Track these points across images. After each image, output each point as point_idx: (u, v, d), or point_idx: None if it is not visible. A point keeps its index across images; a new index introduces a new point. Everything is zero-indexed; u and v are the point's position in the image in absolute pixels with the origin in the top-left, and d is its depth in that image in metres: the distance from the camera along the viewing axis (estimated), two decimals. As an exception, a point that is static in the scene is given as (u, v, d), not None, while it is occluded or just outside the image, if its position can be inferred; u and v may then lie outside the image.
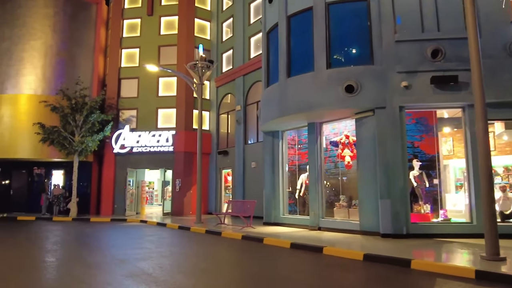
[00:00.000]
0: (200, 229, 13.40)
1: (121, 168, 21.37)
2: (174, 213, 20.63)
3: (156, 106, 21.76)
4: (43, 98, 20.13)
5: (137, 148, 21.16)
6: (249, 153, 18.83)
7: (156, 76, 21.92)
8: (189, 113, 21.36)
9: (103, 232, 13.52)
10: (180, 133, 20.94)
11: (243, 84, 19.64)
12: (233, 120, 20.81)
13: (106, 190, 21.55)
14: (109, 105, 22.12)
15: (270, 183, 14.35)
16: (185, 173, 20.83)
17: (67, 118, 19.96)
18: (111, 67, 22.61)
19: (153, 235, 12.66)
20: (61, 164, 22.13)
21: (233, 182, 20.11)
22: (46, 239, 11.50)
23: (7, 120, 20.55)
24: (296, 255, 8.73)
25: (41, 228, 14.71)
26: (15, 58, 21.33)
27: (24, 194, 22.35)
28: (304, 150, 13.93)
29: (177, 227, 14.70)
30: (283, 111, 12.21)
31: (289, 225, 13.48)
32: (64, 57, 21.91)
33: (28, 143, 20.26)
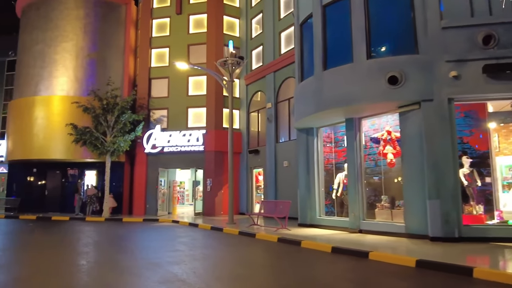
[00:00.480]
0: (233, 230, 12.92)
1: (153, 168, 21.26)
2: (205, 213, 20.31)
3: (186, 106, 21.51)
4: (75, 99, 20.27)
5: (168, 148, 20.99)
6: (281, 152, 18.22)
7: (185, 75, 21.68)
8: (219, 112, 20.99)
9: (135, 233, 13.29)
10: (210, 132, 20.59)
11: (273, 81, 19.05)
12: (263, 118, 20.26)
13: (138, 190, 21.51)
14: (140, 105, 22.09)
15: (304, 182, 13.69)
16: (215, 173, 20.47)
17: (99, 119, 20.02)
18: (141, 67, 22.57)
19: (185, 236, 12.29)
20: (93, 164, 22.28)
21: (264, 182, 19.56)
22: (78, 240, 11.34)
23: (41, 122, 20.86)
24: (339, 261, 8.05)
25: (74, 229, 14.68)
26: (48, 60, 21.63)
27: (58, 194, 22.67)
28: (341, 147, 13.20)
29: (209, 228, 14.29)
30: (319, 106, 11.53)
31: (326, 227, 12.77)
32: (95, 58, 22.05)
33: (61, 144, 20.48)
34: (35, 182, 23.22)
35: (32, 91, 21.52)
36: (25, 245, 10.31)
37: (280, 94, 18.83)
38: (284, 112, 18.49)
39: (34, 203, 22.71)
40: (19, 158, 21.22)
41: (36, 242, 11.10)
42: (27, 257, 8.48)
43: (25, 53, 22.53)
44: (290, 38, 18.24)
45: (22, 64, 22.65)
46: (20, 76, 22.60)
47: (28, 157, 20.87)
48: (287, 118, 18.12)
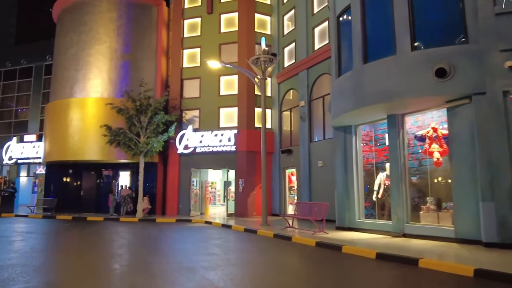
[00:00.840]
0: (267, 233, 12.47)
1: (185, 168, 21.18)
2: (237, 214, 19.99)
3: (218, 105, 21.29)
4: (109, 101, 20.47)
5: (200, 148, 20.83)
6: (315, 152, 17.61)
7: (217, 75, 21.46)
8: (250, 111, 20.62)
9: (168, 234, 13.10)
10: (242, 132, 20.25)
11: (307, 78, 18.47)
12: (296, 117, 19.71)
13: (171, 190, 21.50)
14: (172, 106, 22.08)
15: (342, 183, 13.05)
16: (248, 173, 20.11)
17: (132, 120, 20.11)
18: (174, 68, 22.56)
19: (219, 238, 11.95)
20: (127, 165, 22.47)
21: (298, 182, 19.01)
22: (112, 241, 11.23)
23: (76, 123, 21.22)
24: (386, 268, 7.43)
25: (108, 229, 14.69)
26: (82, 63, 21.99)
27: (93, 195, 23.01)
28: (381, 146, 12.47)
29: (242, 230, 13.91)
30: (358, 103, 10.88)
31: (367, 230, 12.08)
32: (128, 60, 22.22)
33: (96, 145, 20.74)
34: (71, 182, 23.71)
35: (67, 94, 21.95)
36: (60, 246, 10.28)
37: (313, 91, 18.23)
38: (318, 110, 17.88)
39: (70, 204, 23.16)
40: (55, 159, 21.69)
41: (71, 243, 11.08)
42: (61, 259, 8.38)
43: (60, 56, 23.05)
44: (324, 34, 17.61)
45: (57, 67, 23.18)
46: (56, 79, 23.14)
47: (64, 158, 21.29)
48: (321, 116, 17.50)
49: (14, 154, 27.56)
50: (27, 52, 30.12)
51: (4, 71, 30.33)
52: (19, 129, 28.88)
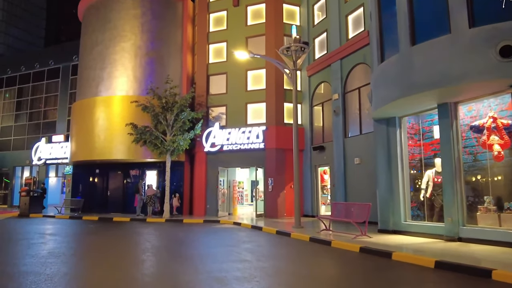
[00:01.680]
0: (302, 236, 11.42)
1: (212, 167, 20.40)
2: (267, 214, 19.01)
3: (245, 101, 20.38)
4: (134, 99, 19.93)
5: (227, 146, 19.99)
6: (351, 148, 16.40)
7: (244, 69, 20.57)
8: (279, 106, 19.60)
9: (196, 237, 12.27)
10: (271, 128, 19.26)
11: (340, 69, 17.26)
12: (328, 111, 18.53)
13: (198, 190, 20.77)
14: (198, 103, 21.35)
15: (385, 182, 11.83)
16: (277, 172, 19.10)
17: (158, 117, 19.50)
18: (199, 64, 21.83)
19: (250, 241, 11.01)
20: (154, 164, 21.93)
21: (331, 181, 17.83)
22: (135, 245, 10.48)
23: (102, 122, 20.82)
24: (452, 281, 6.25)
25: (133, 231, 14.04)
26: (108, 61, 21.60)
27: (120, 195, 22.61)
28: (428, 140, 11.20)
29: (274, 232, 12.91)
30: (406, 90, 9.65)
31: (414, 233, 10.83)
32: (153, 57, 21.67)
33: (122, 144, 20.27)
34: (97, 182, 23.43)
35: (93, 92, 21.62)
36: (79, 251, 9.60)
37: (348, 83, 17.01)
38: (353, 103, 16.65)
39: (97, 204, 22.88)
40: (81, 159, 21.39)
41: (91, 247, 10.40)
42: (78, 267, 7.65)
43: (86, 55, 22.77)
44: (359, 21, 16.38)
45: (83, 66, 22.92)
46: (81, 78, 22.89)
47: (90, 158, 20.95)
48: (357, 109, 16.27)
49: (43, 154, 27.65)
50: (54, 53, 30.23)
51: (33, 73, 30.56)
52: (48, 129, 28.98)
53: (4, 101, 31.83)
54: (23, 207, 21.82)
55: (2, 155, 30.79)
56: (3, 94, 31.95)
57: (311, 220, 16.98)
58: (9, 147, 30.69)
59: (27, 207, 21.65)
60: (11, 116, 31.18)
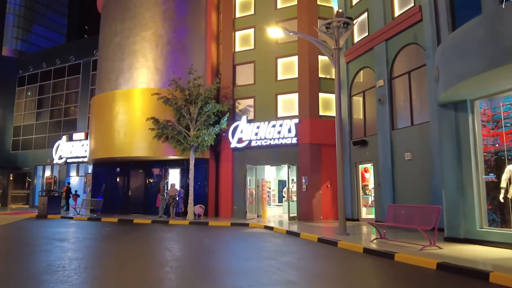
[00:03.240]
0: (353, 246, 9.43)
1: (240, 165, 18.62)
2: (301, 217, 17.06)
3: (275, 92, 18.50)
4: (156, 92, 18.40)
5: (256, 141, 18.17)
6: (400, 141, 14.24)
7: (273, 57, 18.71)
8: (314, 97, 17.63)
9: (224, 245, 10.49)
10: (304, 121, 17.31)
11: (386, 52, 15.11)
12: (371, 101, 16.41)
13: (224, 190, 19.03)
14: (224, 95, 19.63)
15: (454, 179, 9.69)
16: (312, 170, 17.13)
17: (181, 111, 17.88)
18: (225, 53, 20.10)
19: (289, 252, 9.13)
20: (177, 162, 20.38)
21: (376, 180, 15.71)
22: (155, 255, 8.77)
23: (122, 117, 19.39)
24: None
25: (154, 236, 12.40)
26: (127, 52, 20.17)
27: (142, 195, 21.18)
28: (507, 128, 9.00)
29: (315, 240, 10.95)
30: (494, 60, 7.44)
31: (494, 243, 8.66)
32: (175, 47, 20.09)
33: (143, 141, 18.78)
34: (118, 182, 22.09)
35: (112, 86, 20.24)
36: (84, 264, 7.93)
37: (395, 67, 14.85)
38: (402, 90, 14.49)
39: (118, 204, 21.57)
40: (101, 157, 20.03)
41: (103, 258, 8.77)
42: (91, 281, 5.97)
43: (105, 46, 21.44)
44: (408, -5, 14.21)
45: (102, 58, 21.61)
46: (101, 71, 21.58)
47: (110, 155, 19.55)
48: (408, 96, 14.10)
49: (64, 153, 26.65)
50: (75, 49, 29.25)
51: (54, 69, 29.69)
52: (68, 127, 27.99)
53: (25, 99, 31.13)
54: (41, 208, 20.73)
55: (24, 154, 30.08)
56: (24, 92, 31.27)
57: (351, 225, 14.93)
58: (31, 146, 29.92)
59: (45, 208, 20.54)
60: (33, 114, 30.42)
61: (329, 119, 17.76)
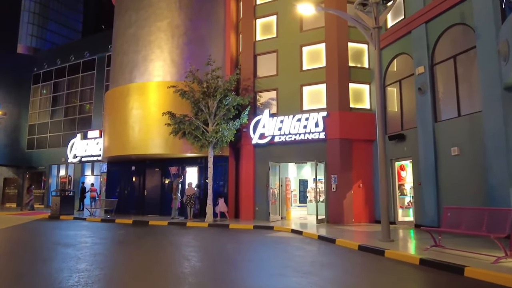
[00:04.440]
0: (406, 256, 7.90)
1: (262, 162, 17.23)
2: (330, 220, 15.55)
3: (300, 83, 17.02)
4: (172, 84, 17.18)
5: (279, 137, 16.73)
6: (445, 134, 12.61)
7: (297, 45, 17.24)
8: (343, 87, 16.08)
9: (250, 253, 9.12)
10: (333, 114, 15.79)
11: (426, 36, 13.48)
12: (408, 90, 14.81)
13: (245, 189, 17.65)
14: (244, 87, 18.26)
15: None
16: (342, 167, 15.59)
17: (199, 105, 16.59)
18: (245, 42, 18.71)
19: (329, 263, 7.69)
20: (194, 160, 19.13)
21: (416, 179, 14.09)
22: (170, 266, 7.45)
23: (136, 112, 18.24)
24: None
25: (170, 240, 11.12)
26: (142, 44, 19.02)
27: (158, 195, 20.01)
28: None
29: (356, 247, 9.46)
30: None
31: None
32: (192, 37, 18.83)
33: (158, 137, 17.60)
34: (133, 181, 20.99)
35: (126, 79, 19.12)
36: (88, 277, 6.64)
37: (437, 52, 13.21)
38: (446, 77, 12.85)
39: (133, 204, 20.50)
40: (115, 155, 18.91)
41: (109, 270, 7.48)
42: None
43: (119, 38, 20.34)
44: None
45: (116, 51, 20.52)
46: (115, 64, 20.49)
47: (124, 152, 18.42)
48: (453, 84, 12.45)
49: (78, 151, 25.79)
50: (89, 44, 28.38)
51: (68, 66, 28.90)
52: (83, 125, 27.12)
53: (40, 97, 30.46)
54: (53, 208, 19.83)
55: (39, 153, 29.40)
56: (39, 89, 30.60)
57: (393, 228, 13.34)
58: (46, 145, 29.20)
59: (58, 208, 19.61)
60: (47, 112, 29.71)
61: (361, 111, 16.22)
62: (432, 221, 12.82)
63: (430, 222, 12.91)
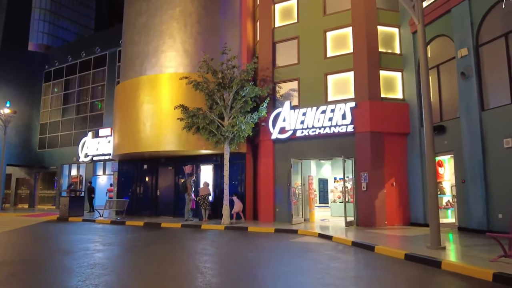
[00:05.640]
0: (471, 269, 6.38)
1: (282, 159, 15.81)
2: (360, 222, 14.02)
3: (324, 72, 15.52)
4: (185, 76, 15.90)
5: (302, 131, 15.27)
6: (494, 124, 10.98)
7: (321, 30, 15.76)
8: (373, 75, 14.52)
9: (276, 263, 7.71)
10: (363, 105, 14.25)
11: (469, 13, 11.86)
12: (447, 77, 13.19)
13: (265, 189, 16.24)
14: (262, 78, 16.87)
15: None
16: (373, 164, 14.04)
17: (214, 97, 15.26)
18: (263, 30, 17.31)
19: (376, 280, 6.23)
20: (209, 158, 17.84)
21: (459, 175, 12.47)
22: (183, 280, 6.12)
23: (148, 107, 17.04)
24: None
25: (183, 246, 9.82)
26: (153, 33, 17.80)
27: (171, 195, 18.78)
28: None
29: (402, 257, 7.94)
30: None
31: None
32: (206, 26, 17.53)
33: (171, 133, 16.37)
34: (146, 181, 19.83)
35: (137, 72, 17.94)
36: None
37: (483, 32, 11.57)
38: (495, 59, 11.21)
39: (146, 205, 19.37)
40: (125, 152, 17.75)
41: (113, 286, 6.18)
42: None
43: (129, 29, 19.18)
44: None
45: (126, 43, 19.38)
46: (125, 57, 19.34)
47: (135, 150, 17.24)
48: (506, 66, 10.80)
49: (90, 150, 24.84)
50: (100, 40, 27.41)
51: (79, 62, 28.00)
52: (95, 123, 26.16)
53: (52, 95, 29.66)
54: (62, 210, 18.87)
55: (50, 153, 28.60)
56: (51, 87, 29.82)
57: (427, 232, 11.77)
58: (57, 144, 28.37)
59: (67, 210, 18.61)
60: (59, 111, 28.88)
61: (393, 101, 14.66)
62: (479, 224, 11.24)
63: (477, 225, 11.34)
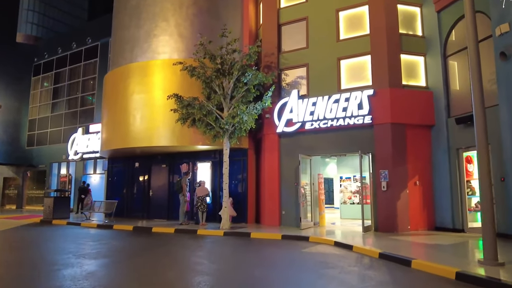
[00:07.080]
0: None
1: (289, 155, 14.03)
2: (380, 227, 12.22)
3: (337, 56, 13.73)
4: (179, 61, 14.11)
5: (311, 123, 13.49)
6: (545, 112, 9.20)
7: (333, 10, 13.98)
8: (394, 59, 12.74)
9: (288, 284, 5.94)
10: (382, 92, 12.47)
11: (512, -18, 10.07)
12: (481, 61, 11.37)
13: (269, 189, 14.45)
14: (266, 64, 15.09)
15: None
16: (394, 160, 12.26)
17: (211, 84, 13.48)
18: (267, 11, 15.54)
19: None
20: (207, 154, 16.09)
21: (495, 172, 10.67)
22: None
23: (138, 98, 15.27)
24: None
25: (175, 258, 8.05)
26: (145, 16, 16.03)
27: (165, 195, 16.99)
28: None
29: (452, 276, 6.16)
30: None
31: None
32: (203, 7, 15.77)
33: (164, 126, 14.60)
34: (137, 180, 18.06)
35: (127, 58, 16.17)
36: None
37: (530, 2, 9.79)
38: (547, 34, 9.43)
39: (137, 207, 17.62)
40: (113, 148, 15.97)
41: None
42: None
43: (120, 13, 17.39)
44: None
45: (116, 27, 17.59)
46: (115, 43, 17.58)
47: (124, 145, 15.47)
48: (561, 41, 9.03)
49: (80, 148, 23.01)
50: (92, 30, 25.57)
51: (70, 54, 26.21)
52: (85, 118, 24.36)
53: (41, 89, 27.86)
54: (46, 211, 17.13)
55: (39, 151, 26.79)
56: (40, 81, 28.01)
57: (458, 240, 10.02)
58: (46, 141, 26.57)
59: (51, 211, 16.87)
60: (48, 106, 27.07)
61: (416, 89, 12.88)
62: (525, 229, 9.46)
63: (522, 231, 9.55)
